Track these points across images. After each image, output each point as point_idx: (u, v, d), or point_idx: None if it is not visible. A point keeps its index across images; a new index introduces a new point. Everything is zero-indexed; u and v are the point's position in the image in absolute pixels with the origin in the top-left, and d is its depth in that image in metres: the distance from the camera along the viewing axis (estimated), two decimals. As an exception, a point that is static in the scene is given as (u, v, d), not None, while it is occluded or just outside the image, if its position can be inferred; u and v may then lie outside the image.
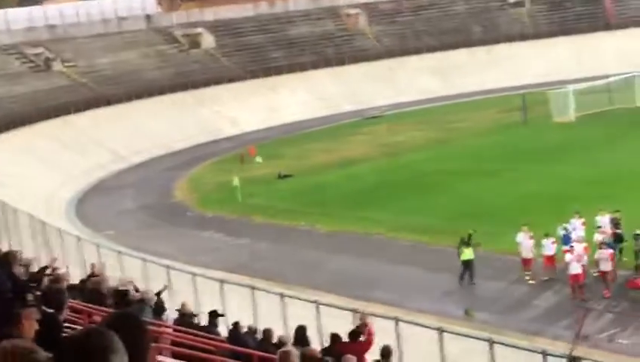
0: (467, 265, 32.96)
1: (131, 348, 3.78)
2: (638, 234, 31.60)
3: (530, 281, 32.23)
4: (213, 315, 18.55)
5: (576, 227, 33.24)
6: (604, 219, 33.62)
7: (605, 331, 27.10)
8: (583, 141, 58.68)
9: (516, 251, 33.53)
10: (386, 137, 72.57)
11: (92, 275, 21.26)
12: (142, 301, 17.24)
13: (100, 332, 3.77)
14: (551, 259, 32.22)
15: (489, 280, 32.51)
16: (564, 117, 68.15)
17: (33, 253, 30.46)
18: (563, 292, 30.77)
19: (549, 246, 32.15)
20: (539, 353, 18.62)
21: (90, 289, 17.75)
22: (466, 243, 33.38)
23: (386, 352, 16.27)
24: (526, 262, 32.75)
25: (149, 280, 28.71)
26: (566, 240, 32.18)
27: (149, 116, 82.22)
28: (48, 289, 11.97)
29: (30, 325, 6.90)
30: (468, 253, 33.13)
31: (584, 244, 30.97)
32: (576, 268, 29.72)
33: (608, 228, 33.08)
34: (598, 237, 31.81)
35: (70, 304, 13.41)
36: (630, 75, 73.21)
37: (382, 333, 19.23)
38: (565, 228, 33.01)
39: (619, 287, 30.11)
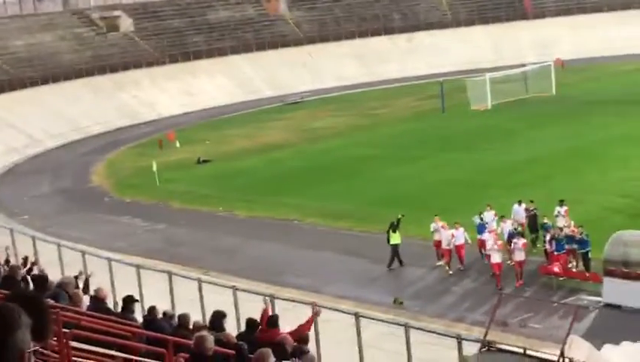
0: (394, 249, 33.21)
1: (33, 326, 3.88)
2: (545, 223, 32.08)
3: (449, 271, 32.32)
4: (128, 301, 18.37)
5: (489, 219, 33.28)
6: (519, 209, 34.03)
7: (518, 316, 27.59)
8: (500, 129, 59.47)
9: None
10: (306, 123, 72.70)
11: (7, 261, 20.87)
12: (60, 286, 17.02)
13: (5, 307, 3.78)
14: (461, 247, 32.17)
15: (407, 266, 32.74)
16: (482, 105, 68.98)
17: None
18: (481, 279, 31.11)
19: (460, 236, 32.06)
20: (453, 337, 18.89)
21: (5, 275, 17.44)
22: (395, 227, 33.63)
23: (273, 321, 16.42)
24: (444, 252, 32.64)
25: (65, 266, 28.40)
26: (481, 228, 32.32)
27: (65, 100, 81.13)
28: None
29: None
30: (395, 237, 33.40)
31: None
32: (496, 258, 29.95)
33: (522, 218, 33.53)
34: (507, 226, 32.17)
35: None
36: (546, 63, 74.40)
37: (300, 319, 19.29)
38: (481, 217, 33.08)
39: (532, 273, 30.60)
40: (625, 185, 37.11)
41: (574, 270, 30.36)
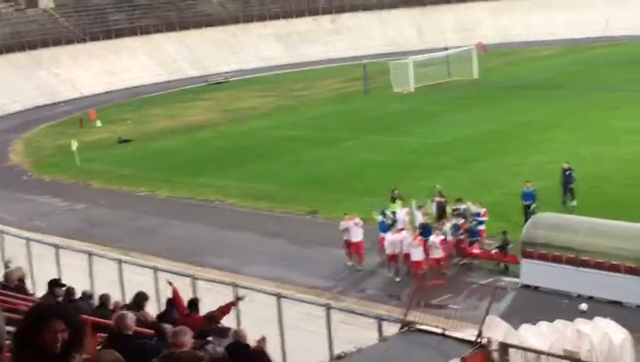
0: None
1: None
2: (456, 209, 32.22)
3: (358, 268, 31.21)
4: (53, 284, 18.09)
5: (401, 215, 32.09)
6: (418, 213, 32.38)
7: (438, 297, 27.90)
8: (422, 112, 59.93)
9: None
10: (229, 104, 72.43)
11: None
12: None
13: None
14: (358, 245, 31.13)
15: (328, 247, 32.64)
16: (404, 88, 69.38)
17: None
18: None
19: (356, 232, 30.97)
20: (374, 318, 19.01)
21: None
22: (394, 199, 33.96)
23: (193, 303, 16.49)
24: (356, 247, 31.30)
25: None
26: (383, 226, 31.34)
27: (-18, 77, 79.58)
28: None
29: None
30: (395, 207, 33.47)
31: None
32: (417, 255, 29.01)
33: (421, 219, 31.97)
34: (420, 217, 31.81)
35: None
36: (468, 48, 75.08)
37: (220, 301, 19.24)
38: (384, 213, 31.99)
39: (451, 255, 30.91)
40: (542, 169, 37.66)
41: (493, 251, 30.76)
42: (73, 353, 5.22)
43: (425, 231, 30.24)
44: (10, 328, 5.71)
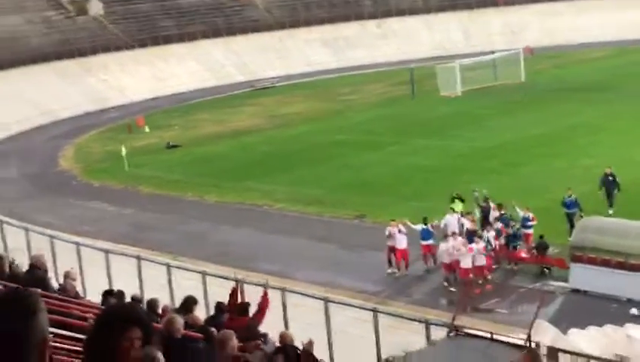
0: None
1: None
2: (501, 214, 31.96)
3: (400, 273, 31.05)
4: (107, 294, 18.26)
5: (451, 223, 31.72)
6: (452, 219, 32.12)
7: (485, 302, 27.81)
8: (469, 115, 59.65)
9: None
10: (276, 108, 72.61)
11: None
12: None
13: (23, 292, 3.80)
14: (403, 252, 30.90)
15: (376, 251, 32.55)
16: (451, 91, 69.17)
17: None
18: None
19: (401, 239, 30.79)
20: (421, 322, 19.02)
21: None
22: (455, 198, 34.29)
23: (243, 308, 16.53)
24: (402, 255, 31.09)
25: (32, 251, 28.26)
26: (425, 234, 31.00)
27: (33, 84, 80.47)
28: None
29: None
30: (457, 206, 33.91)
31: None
32: (467, 262, 28.85)
33: (455, 228, 31.34)
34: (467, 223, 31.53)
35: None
36: (515, 51, 74.71)
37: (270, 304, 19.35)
38: (424, 221, 31.49)
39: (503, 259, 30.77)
40: (591, 173, 37.29)
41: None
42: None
43: (472, 237, 30.11)
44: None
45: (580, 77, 71.98)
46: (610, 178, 34.68)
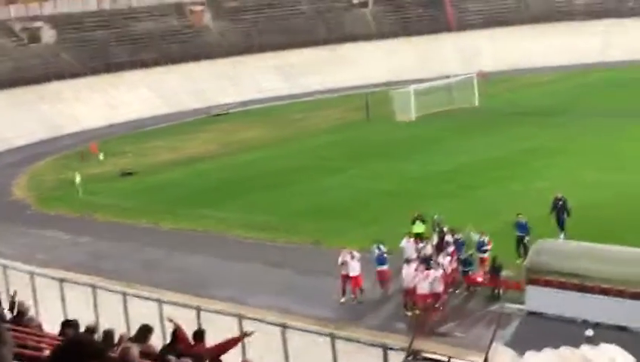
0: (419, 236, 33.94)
1: None
2: (456, 240, 32.12)
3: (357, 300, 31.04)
4: (65, 325, 17.95)
5: (408, 247, 32.03)
6: (408, 245, 32.31)
7: (443, 325, 27.88)
8: (425, 139, 59.99)
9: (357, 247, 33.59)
10: (230, 135, 72.50)
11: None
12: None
13: None
14: (357, 278, 30.90)
15: (332, 276, 32.39)
16: (406, 116, 69.49)
17: None
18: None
19: (355, 266, 30.82)
20: (379, 346, 18.99)
21: None
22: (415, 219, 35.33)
23: (199, 333, 16.38)
24: (355, 281, 31.12)
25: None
26: (380, 259, 31.09)
27: (-15, 112, 79.83)
28: None
29: None
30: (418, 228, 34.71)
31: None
32: (424, 287, 28.82)
33: (412, 254, 31.49)
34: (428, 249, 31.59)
35: None
36: (469, 76, 75.34)
37: (226, 331, 19.22)
38: (379, 247, 31.41)
39: (458, 283, 30.89)
40: (544, 196, 37.58)
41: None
42: None
43: (429, 263, 30.14)
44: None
45: (531, 100, 72.76)
46: (560, 203, 34.94)
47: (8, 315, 18.06)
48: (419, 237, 33.99)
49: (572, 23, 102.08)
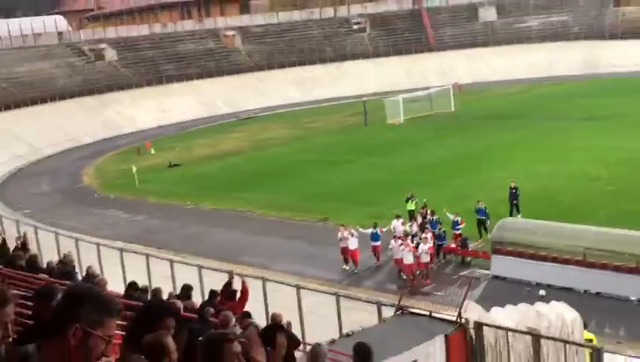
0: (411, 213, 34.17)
1: None
2: (431, 219, 31.86)
3: (354, 270, 30.64)
4: (130, 286, 17.97)
5: (398, 226, 31.42)
6: (398, 224, 31.68)
7: (427, 287, 27.90)
8: (410, 139, 59.90)
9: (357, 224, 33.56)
10: (256, 134, 72.52)
11: (22, 247, 20.19)
12: (88, 275, 16.91)
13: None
14: (354, 251, 30.56)
15: (334, 247, 31.81)
16: (396, 119, 69.40)
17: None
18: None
19: (353, 241, 30.50)
20: (374, 303, 19.00)
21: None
22: (408, 199, 35.46)
23: (231, 294, 16.36)
24: (353, 254, 30.78)
25: (61, 250, 28.01)
26: (375, 237, 30.74)
27: (60, 116, 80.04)
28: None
29: None
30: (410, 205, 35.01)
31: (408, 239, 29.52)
32: (409, 259, 28.57)
33: (400, 232, 30.89)
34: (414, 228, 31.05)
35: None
36: (446, 87, 75.15)
37: (252, 291, 19.26)
38: (374, 225, 31.05)
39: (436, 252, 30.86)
40: (505, 183, 37.52)
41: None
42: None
43: (413, 238, 30.03)
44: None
45: (496, 107, 72.56)
46: (514, 190, 34.77)
47: (80, 277, 18.16)
48: (411, 213, 34.14)
49: (529, 44, 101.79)
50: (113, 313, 3.43)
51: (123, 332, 5.00)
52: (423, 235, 29.75)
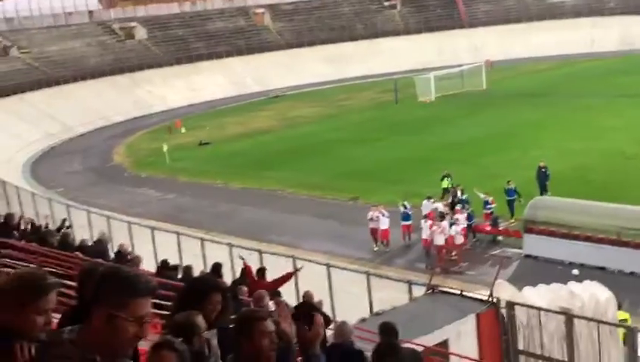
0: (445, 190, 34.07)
1: None
2: (463, 199, 31.69)
3: (386, 250, 30.51)
4: (163, 264, 18.10)
5: (428, 206, 31.28)
6: (428, 204, 31.59)
7: (457, 265, 27.82)
8: (441, 117, 59.54)
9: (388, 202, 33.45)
10: (286, 113, 72.47)
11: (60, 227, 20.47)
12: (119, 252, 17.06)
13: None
14: (385, 231, 30.43)
15: (364, 226, 31.79)
16: (427, 97, 68.98)
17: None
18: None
19: (383, 221, 30.34)
20: (405, 282, 18.98)
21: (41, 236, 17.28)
22: (444, 177, 35.36)
23: (261, 271, 16.31)
24: (384, 234, 30.66)
25: (93, 228, 28.30)
26: (405, 216, 30.57)
27: (92, 94, 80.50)
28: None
29: None
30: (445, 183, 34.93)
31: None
32: (440, 240, 28.43)
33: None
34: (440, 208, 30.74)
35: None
36: (478, 64, 74.51)
37: (282, 269, 19.32)
38: (404, 205, 30.68)
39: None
40: (538, 161, 37.20)
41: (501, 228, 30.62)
42: (220, 321, 5.09)
43: (451, 219, 29.76)
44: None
45: (529, 84, 71.83)
46: (543, 170, 34.38)
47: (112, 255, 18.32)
48: (444, 191, 33.93)
49: (563, 20, 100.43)
50: (139, 293, 3.30)
51: (165, 312, 5.00)
52: (456, 216, 29.55)
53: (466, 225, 29.47)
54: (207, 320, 4.84)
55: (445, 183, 35.05)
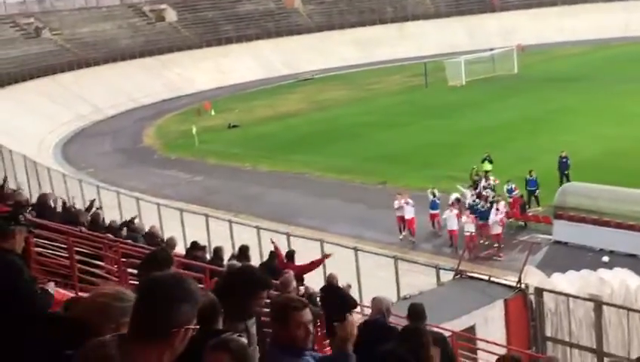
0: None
1: None
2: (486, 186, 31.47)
3: (411, 239, 30.33)
4: (193, 246, 18.18)
5: (467, 195, 30.88)
6: (467, 193, 31.04)
7: (486, 251, 27.75)
8: (472, 101, 59.19)
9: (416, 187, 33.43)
10: (315, 96, 72.41)
11: (89, 207, 20.57)
12: (150, 233, 17.16)
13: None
14: (411, 220, 30.20)
15: (393, 210, 31.75)
16: (457, 81, 68.59)
17: (27, 187, 30.05)
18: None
19: (409, 210, 30.10)
20: (433, 267, 18.98)
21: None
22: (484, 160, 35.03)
23: (290, 254, 16.40)
24: (409, 223, 30.44)
25: (122, 209, 28.55)
26: (434, 205, 30.44)
27: (122, 76, 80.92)
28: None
29: (20, 240, 6.60)
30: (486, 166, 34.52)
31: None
32: (469, 228, 28.05)
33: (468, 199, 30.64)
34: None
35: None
36: (509, 48, 73.88)
37: (310, 252, 19.39)
38: (433, 194, 30.58)
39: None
40: (569, 146, 36.90)
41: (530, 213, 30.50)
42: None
43: (473, 208, 29.57)
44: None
45: (561, 69, 71.09)
46: (564, 160, 34.02)
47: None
48: (486, 174, 33.36)
49: (596, 4, 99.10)
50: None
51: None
52: (495, 207, 29.18)
53: (504, 215, 29.22)
54: (250, 312, 4.91)
55: (487, 166, 34.51)
